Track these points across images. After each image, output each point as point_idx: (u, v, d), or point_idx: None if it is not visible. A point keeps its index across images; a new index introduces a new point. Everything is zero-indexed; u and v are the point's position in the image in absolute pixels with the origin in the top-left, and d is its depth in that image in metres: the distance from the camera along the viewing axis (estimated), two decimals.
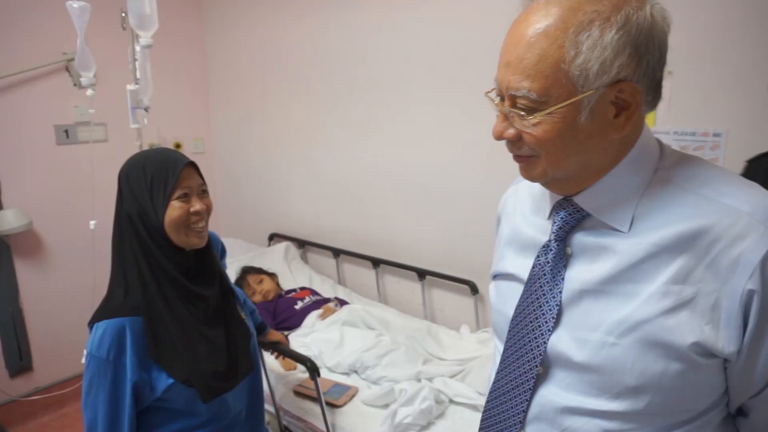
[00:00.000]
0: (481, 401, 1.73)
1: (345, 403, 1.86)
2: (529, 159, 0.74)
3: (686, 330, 0.67)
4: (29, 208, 2.63)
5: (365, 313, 2.32)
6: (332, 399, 1.85)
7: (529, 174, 0.76)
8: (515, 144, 0.74)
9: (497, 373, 0.86)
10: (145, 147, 3.00)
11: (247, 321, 1.35)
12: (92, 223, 2.19)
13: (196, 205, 1.16)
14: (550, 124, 0.68)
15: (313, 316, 2.44)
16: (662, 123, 1.81)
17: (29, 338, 2.77)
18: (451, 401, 1.86)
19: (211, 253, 1.28)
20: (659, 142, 0.76)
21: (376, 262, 2.74)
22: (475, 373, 1.93)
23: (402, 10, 2.40)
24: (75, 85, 2.72)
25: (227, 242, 1.77)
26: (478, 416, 1.41)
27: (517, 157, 0.76)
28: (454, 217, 2.45)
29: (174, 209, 1.13)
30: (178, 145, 3.17)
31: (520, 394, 0.81)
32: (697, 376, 0.69)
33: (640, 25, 0.64)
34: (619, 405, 0.72)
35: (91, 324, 1.12)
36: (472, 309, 2.43)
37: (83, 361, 1.12)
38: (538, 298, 0.79)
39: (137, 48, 1.67)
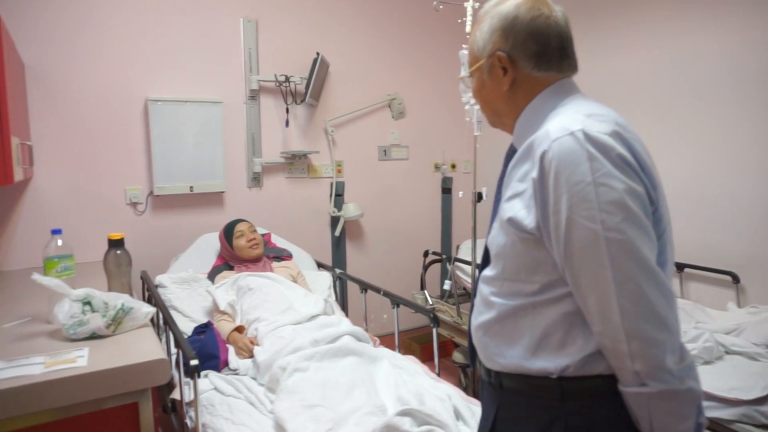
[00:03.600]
0: (758, 350, 2.12)
1: None
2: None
3: (509, 210, 0.93)
4: (361, 204, 3.68)
5: None
6: None
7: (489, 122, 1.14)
8: None
9: None
10: (431, 165, 3.59)
11: None
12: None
13: None
14: (474, 83, 1.09)
15: None
16: None
17: (348, 297, 3.86)
18: (727, 352, 2.17)
19: None
20: (572, 96, 1.00)
21: None
22: (750, 330, 2.24)
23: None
24: (393, 117, 3.65)
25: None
26: (756, 363, 2.10)
27: None
28: (713, 215, 2.69)
29: None
30: (453, 166, 3.47)
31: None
32: (524, 248, 0.92)
33: (505, 16, 1.00)
34: (491, 271, 1.01)
35: None
36: (734, 297, 2.63)
37: None
38: (494, 208, 1.08)
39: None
